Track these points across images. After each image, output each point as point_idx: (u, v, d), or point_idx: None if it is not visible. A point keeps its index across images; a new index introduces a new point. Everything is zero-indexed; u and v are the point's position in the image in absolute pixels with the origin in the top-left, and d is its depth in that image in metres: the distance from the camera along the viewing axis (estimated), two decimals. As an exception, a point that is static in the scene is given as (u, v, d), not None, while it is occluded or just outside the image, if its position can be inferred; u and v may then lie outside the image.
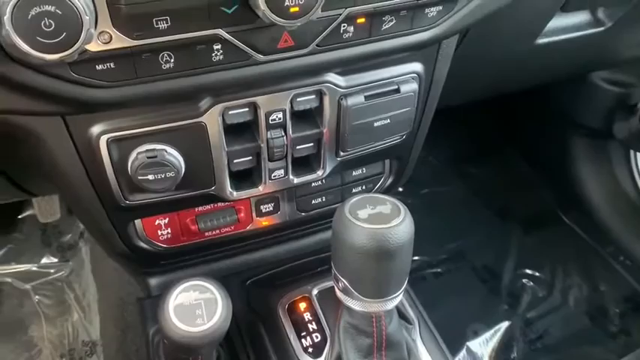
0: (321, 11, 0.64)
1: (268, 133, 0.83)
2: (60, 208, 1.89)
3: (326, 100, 0.83)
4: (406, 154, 1.06)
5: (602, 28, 1.22)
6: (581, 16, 1.23)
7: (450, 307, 1.80)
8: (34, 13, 0.53)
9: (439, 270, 1.99)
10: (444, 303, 1.79)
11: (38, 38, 0.54)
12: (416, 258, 1.99)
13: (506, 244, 2.07)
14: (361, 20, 0.71)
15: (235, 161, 0.85)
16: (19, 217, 1.95)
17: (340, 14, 0.69)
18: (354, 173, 1.04)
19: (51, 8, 0.53)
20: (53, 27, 0.54)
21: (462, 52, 1.03)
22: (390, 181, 1.10)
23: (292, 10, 0.61)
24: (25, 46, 0.55)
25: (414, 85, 0.89)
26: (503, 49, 1.19)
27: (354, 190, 1.07)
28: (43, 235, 1.94)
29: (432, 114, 1.02)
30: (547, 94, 1.94)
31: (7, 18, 0.53)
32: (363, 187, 1.08)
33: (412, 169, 1.14)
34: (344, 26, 0.71)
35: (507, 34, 1.12)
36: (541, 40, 1.19)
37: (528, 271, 1.98)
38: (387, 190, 1.14)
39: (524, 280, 1.96)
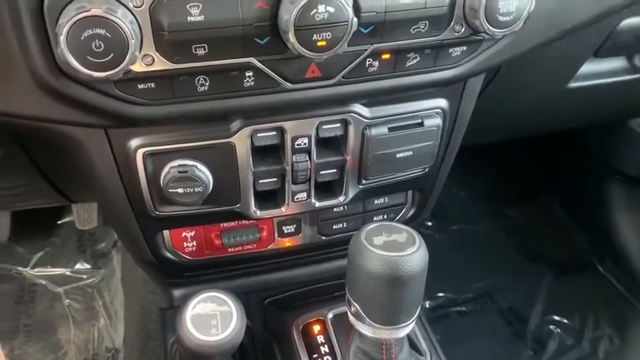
0: (347, 46, 0.68)
1: (293, 157, 0.87)
2: (97, 216, 1.97)
3: (351, 129, 0.87)
4: (429, 186, 1.08)
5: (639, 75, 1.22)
6: (617, 62, 1.23)
7: (473, 347, 1.77)
8: (86, 35, 0.59)
9: (464, 309, 1.96)
10: (466, 342, 1.76)
11: (88, 57, 0.60)
12: (440, 294, 1.97)
13: (535, 287, 2.03)
14: (386, 56, 0.75)
15: (261, 181, 0.89)
16: (59, 222, 2.04)
17: (366, 49, 0.73)
18: (375, 202, 1.07)
19: (102, 31, 0.59)
20: (102, 48, 0.60)
21: (492, 90, 1.05)
22: (411, 212, 1.12)
23: (320, 44, 0.66)
24: (76, 64, 0.61)
25: (438, 120, 0.92)
26: (534, 91, 1.21)
27: (375, 219, 1.09)
28: (79, 241, 2.02)
29: (457, 149, 1.04)
30: (585, 138, 1.93)
31: (62, 37, 0.59)
32: (385, 217, 1.10)
33: (435, 202, 1.15)
34: (369, 61, 0.75)
35: (538, 76, 1.14)
36: (574, 84, 1.20)
37: (556, 318, 1.92)
38: (409, 222, 1.16)
39: (551, 327, 1.90)
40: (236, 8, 0.64)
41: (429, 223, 2.16)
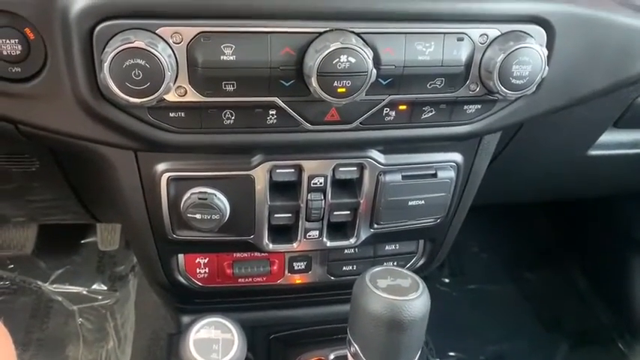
0: (366, 95, 0.73)
1: (309, 195, 0.91)
2: (119, 239, 2.03)
3: (366, 173, 0.91)
4: (440, 237, 1.10)
5: None
6: (638, 134, 1.25)
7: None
8: (128, 64, 0.65)
9: (475, 371, 1.92)
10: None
11: (127, 84, 0.66)
12: (452, 354, 1.93)
13: (550, 356, 1.98)
14: (402, 107, 0.80)
15: (275, 215, 0.93)
16: (82, 241, 2.10)
17: (383, 99, 0.78)
18: (386, 247, 1.09)
19: (142, 62, 0.65)
20: (141, 77, 0.66)
21: (511, 151, 1.08)
22: (422, 262, 1.14)
23: (340, 90, 0.70)
24: (115, 89, 0.67)
25: (451, 173, 0.94)
26: (553, 156, 1.23)
27: (385, 264, 1.11)
28: (99, 262, 2.07)
29: (469, 203, 1.06)
30: (608, 206, 1.91)
31: (106, 64, 0.65)
32: (395, 264, 1.12)
33: (445, 255, 1.17)
34: (386, 110, 0.79)
35: (557, 141, 1.16)
36: (594, 152, 1.22)
37: (571, 389, 1.87)
38: (419, 272, 1.16)
39: (565, 398, 1.85)
40: (265, 52, 0.70)
41: (447, 280, 2.15)
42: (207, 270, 1.03)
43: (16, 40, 0.70)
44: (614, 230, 1.99)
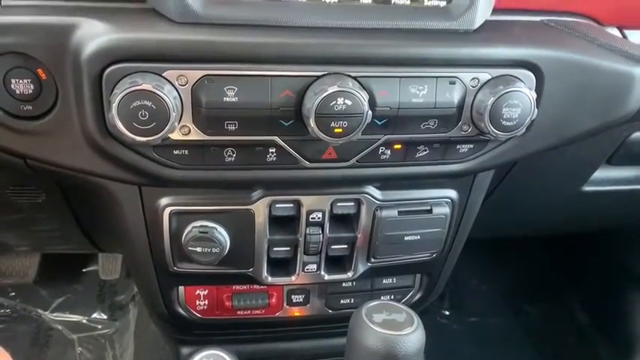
0: (362, 134, 0.76)
1: (307, 229, 0.93)
2: (121, 268, 2.04)
3: (363, 208, 0.93)
4: (436, 272, 1.11)
5: None
6: (632, 171, 1.27)
7: None
8: (135, 105, 0.69)
9: (473, 406, 1.90)
10: None
11: (134, 124, 0.70)
12: (453, 388, 1.92)
13: (549, 392, 1.96)
14: (397, 146, 0.83)
15: (274, 249, 0.95)
16: (83, 270, 2.11)
17: (379, 139, 0.81)
18: (384, 281, 1.11)
19: (149, 103, 0.69)
20: (147, 117, 0.69)
21: (506, 186, 1.11)
22: (419, 295, 1.15)
23: (336, 130, 0.74)
24: (122, 128, 0.70)
25: (446, 209, 0.97)
26: (548, 192, 1.25)
27: (382, 298, 1.12)
28: (100, 291, 2.08)
29: (465, 238, 1.08)
30: (606, 241, 1.92)
31: (115, 105, 0.69)
32: (392, 297, 1.13)
33: (442, 288, 1.18)
34: (382, 149, 0.82)
35: (551, 177, 1.19)
36: (588, 188, 1.24)
37: None
38: (416, 305, 1.18)
39: None
40: (266, 94, 0.74)
41: (447, 313, 2.15)
42: (206, 302, 1.05)
43: (29, 80, 0.73)
44: (613, 264, 1.99)
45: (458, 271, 1.19)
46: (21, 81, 0.73)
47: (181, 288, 1.04)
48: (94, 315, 1.99)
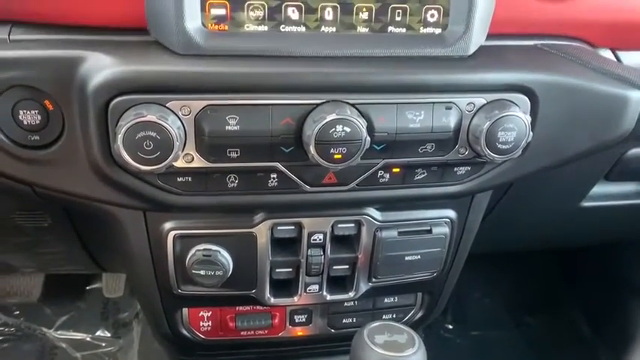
0: (361, 159, 0.78)
1: (309, 250, 0.95)
2: (124, 286, 2.05)
3: (363, 229, 0.95)
4: (437, 290, 1.13)
5: None
6: (629, 186, 1.29)
7: None
8: (140, 135, 0.71)
9: (477, 418, 1.90)
10: None
11: (139, 153, 0.72)
12: (457, 402, 1.92)
13: (554, 403, 1.96)
14: (396, 170, 0.84)
15: (277, 270, 0.97)
16: (87, 288, 2.12)
17: (378, 163, 0.83)
18: (385, 300, 1.12)
19: (153, 134, 0.71)
20: (152, 147, 0.71)
21: (505, 204, 1.12)
22: (420, 314, 1.16)
23: (336, 156, 0.75)
24: (128, 158, 0.72)
25: (446, 229, 0.98)
26: (547, 208, 1.27)
27: (384, 317, 1.13)
28: (104, 309, 2.09)
29: (465, 257, 1.09)
30: (607, 253, 1.93)
31: (120, 136, 0.71)
32: (394, 316, 1.14)
33: (443, 306, 1.19)
34: (381, 172, 0.84)
35: (550, 194, 1.21)
36: (587, 204, 1.25)
37: None
38: (418, 323, 1.19)
39: None
40: (267, 122, 0.76)
41: (450, 327, 2.15)
42: (210, 323, 1.06)
43: (37, 111, 0.75)
44: (615, 276, 2.00)
45: (461, 284, 1.20)
46: (29, 112, 0.75)
47: (185, 310, 1.05)
48: (98, 333, 1.99)
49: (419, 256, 0.99)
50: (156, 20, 0.74)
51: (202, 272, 0.90)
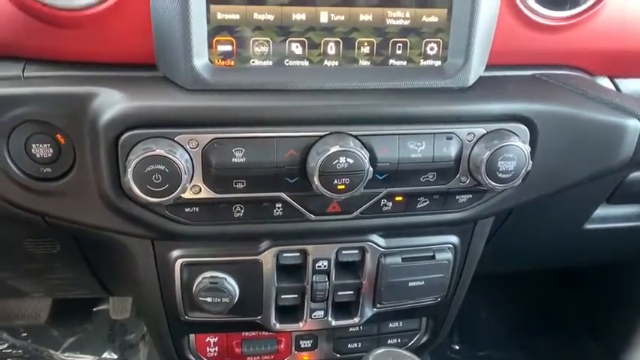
0: (364, 189, 0.79)
1: (314, 277, 0.96)
2: (131, 308, 2.06)
3: (367, 256, 0.96)
4: (441, 315, 1.13)
5: None
6: (631, 209, 1.30)
7: None
8: (149, 169, 0.73)
9: None
10: None
11: (148, 186, 0.74)
12: None
13: None
14: (399, 198, 0.86)
15: (282, 296, 0.98)
16: (94, 309, 2.14)
17: (380, 192, 0.84)
18: (390, 325, 1.13)
19: (162, 167, 0.73)
20: (160, 180, 0.73)
21: (507, 228, 1.13)
22: (425, 338, 1.17)
23: (339, 187, 0.77)
24: (137, 191, 0.74)
25: (449, 255, 1.00)
26: (549, 231, 1.27)
27: (389, 342, 1.14)
28: (111, 330, 2.09)
29: (469, 282, 1.10)
30: (616, 274, 1.92)
31: (130, 170, 0.73)
32: (399, 340, 1.15)
33: (448, 330, 1.19)
34: (384, 201, 0.86)
35: (552, 218, 1.21)
36: (590, 226, 1.26)
37: None
38: (424, 347, 1.20)
39: None
40: (272, 154, 0.78)
41: (457, 347, 2.14)
42: (216, 349, 1.07)
43: (49, 145, 0.78)
44: (623, 297, 1.99)
45: (467, 304, 1.20)
46: (41, 145, 0.78)
47: (192, 335, 1.06)
48: (105, 354, 2.00)
49: (423, 282, 1.00)
50: (164, 57, 0.77)
51: (209, 299, 0.92)
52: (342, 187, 0.77)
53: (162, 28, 0.75)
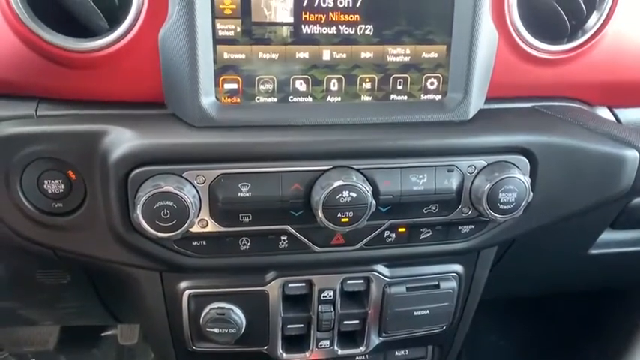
0: (367, 221, 0.81)
1: (319, 307, 0.97)
2: (139, 333, 2.07)
3: (373, 285, 0.97)
4: (447, 343, 1.14)
5: None
6: (635, 233, 1.30)
7: None
8: (158, 205, 0.75)
9: None
10: None
11: (157, 222, 0.76)
12: None
13: None
14: (402, 230, 0.87)
15: (288, 326, 0.99)
16: (102, 334, 2.15)
17: (384, 224, 0.86)
18: (396, 353, 1.13)
19: (170, 203, 0.75)
20: (169, 215, 0.75)
21: (511, 255, 1.14)
22: (431, 366, 1.17)
23: (343, 220, 0.79)
24: (146, 227, 0.76)
25: (453, 284, 1.00)
26: (554, 256, 1.28)
27: (396, 370, 1.14)
28: (118, 355, 2.10)
29: (474, 310, 1.10)
30: (626, 297, 1.91)
31: (139, 206, 0.75)
32: None
33: (455, 357, 1.19)
34: (387, 232, 0.87)
35: (556, 244, 1.22)
36: (595, 251, 1.27)
37: None
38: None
39: None
40: (277, 188, 0.80)
41: (466, 370, 2.12)
42: None
43: (60, 181, 0.80)
44: (632, 319, 1.97)
45: (476, 327, 1.20)
46: (53, 182, 0.80)
47: (199, 366, 1.07)
48: (113, 379, 2.01)
49: (428, 311, 1.00)
50: (173, 95, 0.80)
51: (216, 330, 0.93)
52: (346, 220, 0.79)
53: (171, 67, 0.77)
